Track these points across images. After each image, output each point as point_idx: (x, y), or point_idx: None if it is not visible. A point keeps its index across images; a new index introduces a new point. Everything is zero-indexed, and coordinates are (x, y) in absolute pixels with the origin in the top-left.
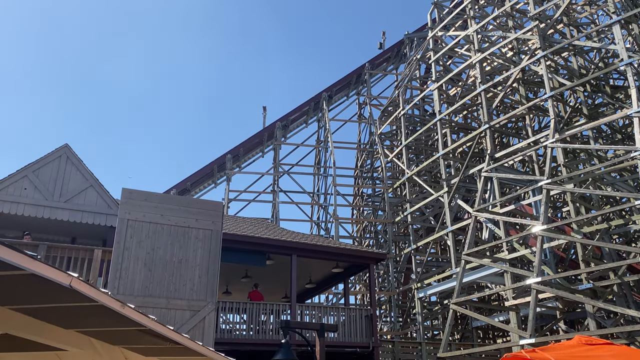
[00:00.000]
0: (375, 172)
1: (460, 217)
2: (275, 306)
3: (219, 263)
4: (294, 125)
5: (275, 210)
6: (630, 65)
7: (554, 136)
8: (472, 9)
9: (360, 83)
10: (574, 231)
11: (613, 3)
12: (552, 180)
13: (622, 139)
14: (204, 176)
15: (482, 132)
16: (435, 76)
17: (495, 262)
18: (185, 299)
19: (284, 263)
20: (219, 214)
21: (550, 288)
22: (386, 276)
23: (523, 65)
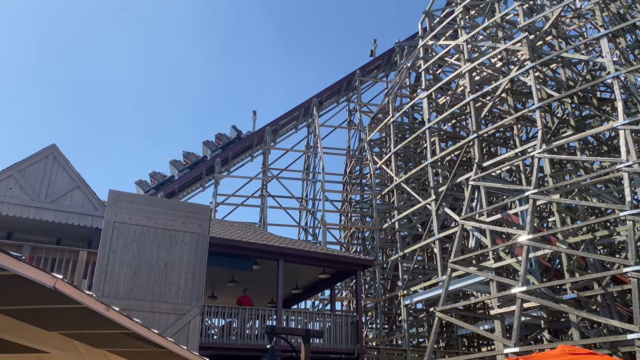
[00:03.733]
0: (364, 179)
1: (448, 225)
2: (261, 311)
3: (205, 267)
4: (283, 130)
5: (263, 215)
6: (616, 79)
7: (541, 147)
8: (462, 19)
9: (350, 90)
10: (560, 241)
11: (601, 17)
12: (538, 190)
13: (608, 150)
14: (192, 179)
15: (471, 141)
16: (425, 85)
17: (481, 270)
18: (170, 302)
19: (270, 268)
20: (206, 218)
21: (535, 297)
22: (373, 283)
23: (512, 76)
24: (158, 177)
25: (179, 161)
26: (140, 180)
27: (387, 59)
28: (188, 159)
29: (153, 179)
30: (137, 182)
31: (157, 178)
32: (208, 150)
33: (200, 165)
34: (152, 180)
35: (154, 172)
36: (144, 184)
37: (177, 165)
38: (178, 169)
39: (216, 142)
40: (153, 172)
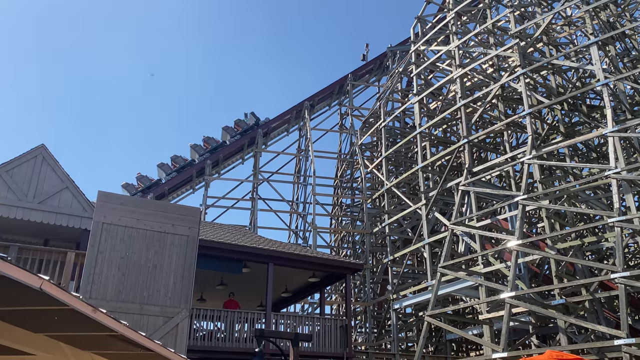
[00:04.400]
0: (354, 183)
1: (437, 229)
2: (250, 314)
3: (194, 270)
4: (275, 133)
5: (254, 218)
6: (606, 86)
7: (531, 153)
8: (454, 24)
9: (342, 93)
10: (548, 247)
11: (591, 25)
12: (528, 196)
13: (597, 157)
14: (183, 181)
15: (461, 147)
16: (416, 89)
17: (471, 275)
18: (159, 305)
19: (260, 271)
20: (195, 220)
21: (523, 303)
22: (362, 287)
23: (503, 82)
24: (145, 181)
25: (167, 164)
26: (126, 184)
27: (379, 64)
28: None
29: (140, 183)
30: (124, 185)
31: (144, 181)
32: (227, 136)
33: (191, 167)
34: (139, 184)
35: (140, 175)
36: (131, 187)
37: (165, 168)
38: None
39: (235, 128)
40: (140, 175)
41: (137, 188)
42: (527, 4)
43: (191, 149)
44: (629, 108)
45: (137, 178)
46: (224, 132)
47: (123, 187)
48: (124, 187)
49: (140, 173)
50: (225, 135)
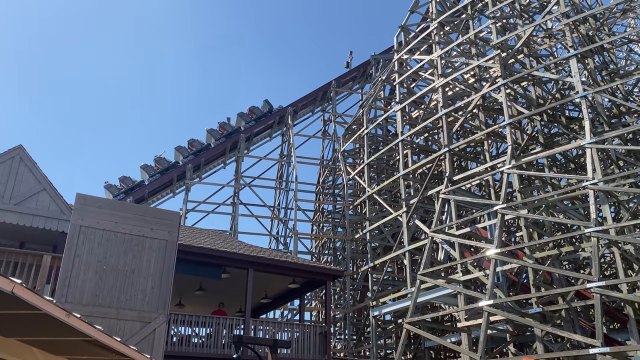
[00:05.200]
0: (336, 189)
1: (418, 237)
2: (229, 320)
3: (172, 274)
4: (257, 138)
5: (235, 223)
6: (584, 98)
7: (510, 162)
8: (437, 34)
9: (325, 100)
10: (527, 256)
11: (571, 38)
12: (507, 205)
13: (575, 168)
14: (163, 185)
15: (442, 155)
16: (399, 98)
17: (450, 283)
18: (136, 309)
19: (240, 277)
20: (175, 224)
21: (501, 311)
22: (342, 293)
23: (484, 92)
24: (127, 182)
25: (150, 166)
26: (109, 184)
27: (362, 71)
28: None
29: (122, 183)
30: (107, 186)
31: (127, 182)
32: (212, 139)
33: (172, 171)
34: (122, 185)
35: (123, 176)
36: (113, 188)
37: (148, 170)
38: (149, 173)
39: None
40: (123, 177)
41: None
42: (509, 16)
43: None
44: (607, 120)
45: (119, 179)
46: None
47: (106, 187)
48: (106, 187)
49: (124, 175)
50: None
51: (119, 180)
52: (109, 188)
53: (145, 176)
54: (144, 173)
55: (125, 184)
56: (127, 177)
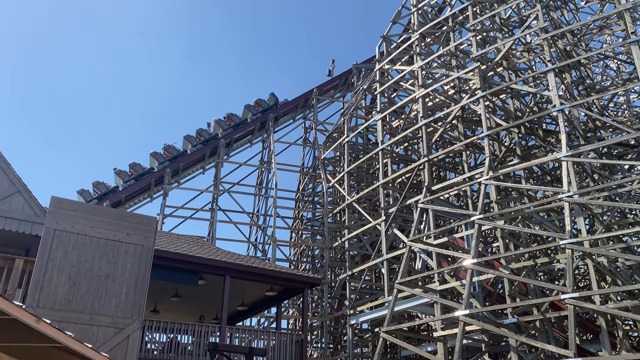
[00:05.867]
0: (316, 197)
1: (396, 246)
2: (205, 327)
3: (148, 280)
4: (238, 144)
5: (213, 229)
6: (561, 112)
7: (488, 173)
8: (418, 45)
9: (307, 107)
10: (502, 266)
11: (549, 52)
12: (484, 215)
13: (551, 180)
14: (140, 189)
15: (421, 165)
16: (380, 107)
17: (427, 292)
18: (109, 315)
19: (216, 284)
20: (151, 230)
21: (477, 321)
22: (320, 301)
23: (463, 104)
24: (101, 187)
25: (125, 171)
26: (82, 190)
27: (344, 80)
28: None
29: (96, 189)
30: (79, 192)
31: (100, 188)
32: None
33: (149, 175)
34: (95, 190)
35: (97, 181)
36: (87, 194)
37: (122, 175)
38: (123, 179)
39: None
40: (96, 182)
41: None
42: (489, 29)
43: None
44: (583, 134)
45: (93, 184)
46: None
47: (79, 193)
48: (79, 193)
49: (97, 180)
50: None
51: (92, 185)
52: (82, 194)
53: (120, 182)
54: (117, 178)
55: (99, 189)
56: (100, 182)
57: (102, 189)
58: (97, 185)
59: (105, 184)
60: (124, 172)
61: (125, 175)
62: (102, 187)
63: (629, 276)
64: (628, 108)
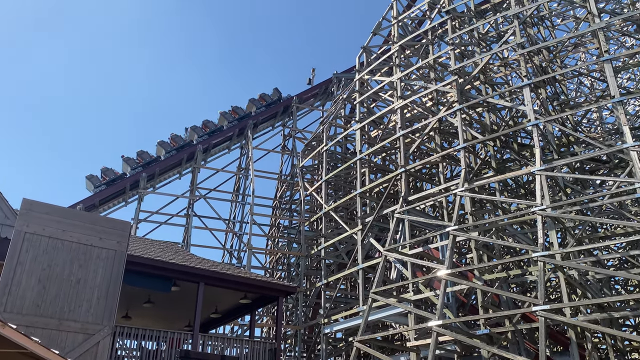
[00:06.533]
0: (293, 204)
1: (372, 255)
2: (177, 335)
3: (120, 286)
4: (216, 149)
5: (188, 235)
6: (536, 127)
7: (463, 185)
8: (398, 57)
9: (286, 115)
10: (476, 278)
11: (525, 68)
12: (459, 226)
13: (525, 193)
14: (115, 193)
15: (398, 175)
16: (358, 117)
17: (401, 302)
18: (79, 321)
19: (190, 290)
20: (125, 235)
21: (450, 331)
22: (294, 310)
23: (440, 116)
24: (110, 174)
25: (96, 176)
26: (91, 175)
27: (324, 89)
28: (106, 175)
29: (104, 175)
30: (88, 177)
31: (109, 174)
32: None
33: (124, 179)
34: (103, 176)
35: (105, 167)
36: (95, 179)
37: (94, 180)
38: (94, 184)
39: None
40: (105, 168)
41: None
42: (467, 43)
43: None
44: (556, 149)
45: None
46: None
47: (87, 178)
48: (88, 178)
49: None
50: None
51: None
52: (91, 179)
53: (91, 187)
54: (89, 184)
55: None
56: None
57: (110, 175)
58: (106, 172)
59: (113, 170)
60: (95, 177)
61: (97, 180)
62: (111, 174)
63: (599, 289)
64: (601, 124)
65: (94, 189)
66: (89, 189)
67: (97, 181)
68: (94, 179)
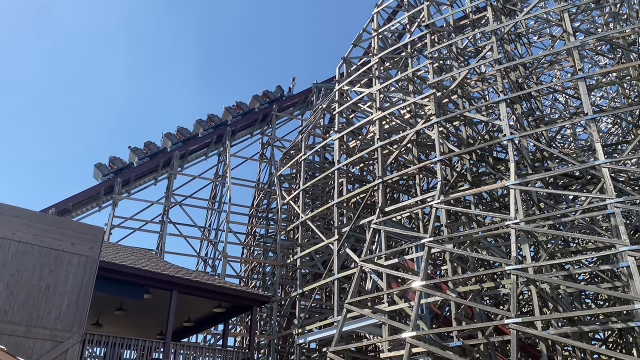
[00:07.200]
0: (270, 213)
1: (348, 265)
2: (148, 343)
3: (91, 292)
4: (193, 156)
5: (162, 242)
6: (511, 141)
7: (439, 197)
8: (377, 69)
9: (265, 123)
10: (450, 289)
11: (502, 83)
12: (434, 238)
13: (499, 207)
14: (89, 198)
15: (376, 186)
16: (337, 127)
17: (375, 313)
18: (48, 327)
19: (163, 298)
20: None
21: (423, 343)
22: (269, 319)
23: (418, 128)
24: (118, 163)
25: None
26: (100, 164)
27: (304, 98)
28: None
29: (112, 164)
30: (97, 165)
31: (117, 163)
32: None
33: (98, 184)
34: (111, 165)
35: (113, 156)
36: (104, 168)
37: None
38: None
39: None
40: (113, 157)
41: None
42: (446, 58)
43: (95, 168)
44: (530, 164)
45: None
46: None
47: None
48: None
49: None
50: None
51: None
52: (100, 167)
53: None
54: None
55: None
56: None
57: (118, 164)
58: (114, 160)
59: (121, 159)
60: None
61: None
62: (119, 163)
63: (570, 303)
64: (574, 141)
65: (101, 177)
66: (96, 178)
67: (106, 169)
68: (102, 167)
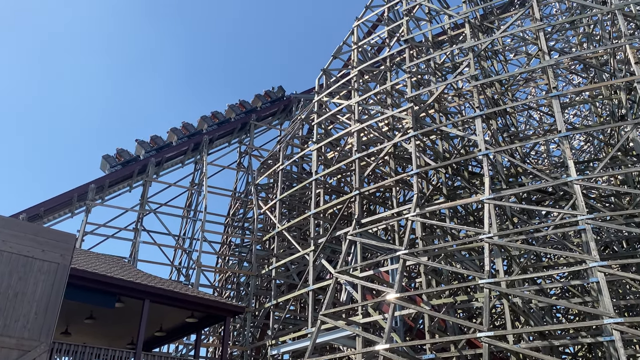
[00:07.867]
0: (246, 222)
1: (323, 276)
2: (118, 352)
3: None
4: (169, 163)
5: (135, 250)
6: (486, 156)
7: (415, 210)
8: (356, 81)
9: (244, 132)
10: (424, 302)
11: (478, 99)
12: (409, 251)
13: (474, 221)
14: (62, 204)
15: (353, 197)
16: (316, 138)
17: (349, 324)
18: (14, 336)
19: (135, 307)
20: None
21: (397, 356)
22: (242, 330)
23: (395, 141)
24: (125, 155)
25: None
26: (107, 155)
27: (283, 108)
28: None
29: (119, 155)
30: (105, 157)
31: (124, 155)
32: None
33: (72, 190)
34: (117, 156)
35: (121, 149)
36: (111, 159)
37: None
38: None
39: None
40: (120, 149)
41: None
42: (424, 72)
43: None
44: (505, 179)
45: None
46: (104, 161)
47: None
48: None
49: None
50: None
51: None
52: (107, 159)
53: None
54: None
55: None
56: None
57: (125, 156)
58: (121, 152)
59: (128, 151)
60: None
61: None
62: (126, 155)
63: (541, 317)
64: (548, 157)
65: (109, 169)
66: (103, 169)
67: (113, 161)
68: (110, 159)
